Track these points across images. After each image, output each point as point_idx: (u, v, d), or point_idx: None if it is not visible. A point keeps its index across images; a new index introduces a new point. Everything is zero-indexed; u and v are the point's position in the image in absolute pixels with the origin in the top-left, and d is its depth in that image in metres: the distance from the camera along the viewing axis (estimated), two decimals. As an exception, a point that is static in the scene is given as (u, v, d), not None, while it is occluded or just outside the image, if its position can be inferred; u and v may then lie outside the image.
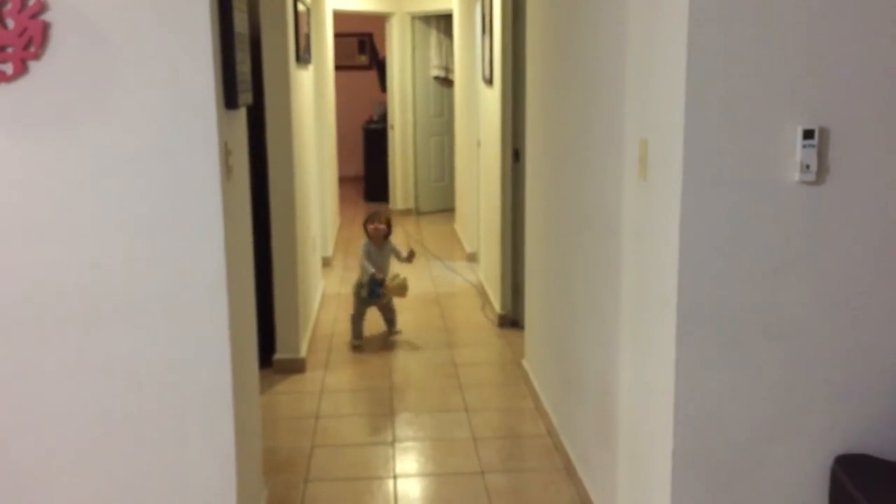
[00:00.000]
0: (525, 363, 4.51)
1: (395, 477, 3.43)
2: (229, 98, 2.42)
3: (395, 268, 5.35)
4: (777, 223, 2.12)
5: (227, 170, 2.42)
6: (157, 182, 2.33)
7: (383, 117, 10.16)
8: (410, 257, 5.31)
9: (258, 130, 4.27)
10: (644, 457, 2.44)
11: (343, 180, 9.78)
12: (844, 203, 2.12)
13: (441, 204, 9.75)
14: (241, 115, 2.76)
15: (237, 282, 2.57)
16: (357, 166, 11.04)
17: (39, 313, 2.36)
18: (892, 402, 2.18)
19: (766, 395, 2.17)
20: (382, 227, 5.18)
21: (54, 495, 2.45)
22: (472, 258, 7.28)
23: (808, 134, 2.07)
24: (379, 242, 5.19)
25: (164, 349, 2.40)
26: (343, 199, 9.77)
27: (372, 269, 5.03)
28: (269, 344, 4.53)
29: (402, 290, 5.11)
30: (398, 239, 6.80)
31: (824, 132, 2.08)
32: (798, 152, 2.08)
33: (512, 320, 5.46)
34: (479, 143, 6.58)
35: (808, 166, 2.08)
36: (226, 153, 2.41)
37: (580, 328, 3.26)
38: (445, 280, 6.77)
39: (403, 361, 4.87)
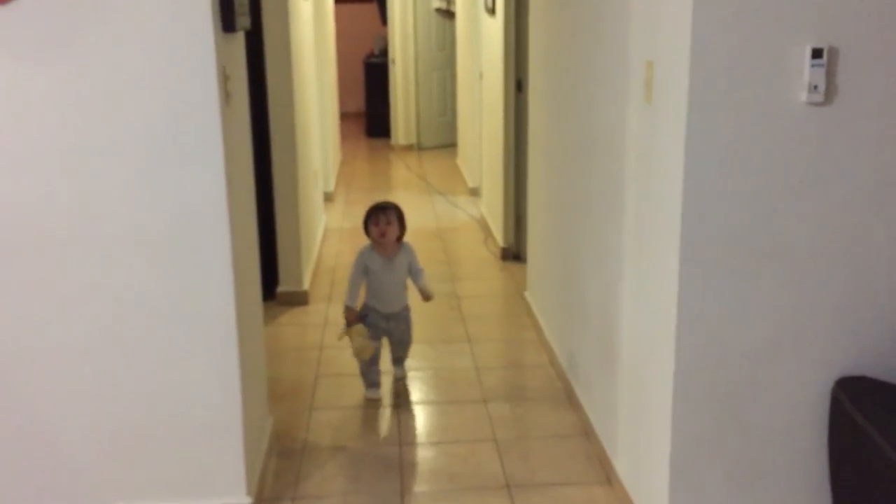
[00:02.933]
0: (527, 295, 4.53)
1: (398, 405, 3.47)
2: (227, 21, 2.37)
3: (411, 296, 3.62)
4: (783, 145, 2.09)
5: (225, 95, 2.39)
6: (154, 107, 2.29)
7: (384, 51, 10.02)
8: (427, 297, 3.57)
9: (257, 61, 4.21)
10: (645, 381, 2.46)
11: (344, 116, 9.69)
12: (852, 125, 2.09)
13: (443, 139, 9.68)
14: (240, 39, 2.72)
15: (239, 208, 2.55)
16: (358, 102, 10.92)
17: (39, 241, 2.35)
18: (892, 326, 2.18)
19: (768, 317, 2.17)
20: (392, 227, 3.44)
21: (60, 421, 2.48)
22: (475, 193, 7.25)
23: (816, 53, 2.03)
24: (387, 250, 3.46)
25: (167, 275, 2.40)
26: (345, 135, 9.69)
27: (351, 303, 3.43)
28: (272, 277, 4.53)
29: (361, 349, 3.40)
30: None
31: (833, 51, 2.04)
32: (806, 72, 2.04)
33: (514, 253, 5.46)
34: (481, 76, 6.49)
35: (815, 87, 2.04)
36: (224, 78, 2.37)
37: (582, 257, 3.25)
38: (448, 215, 6.75)
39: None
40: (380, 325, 3.50)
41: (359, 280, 3.45)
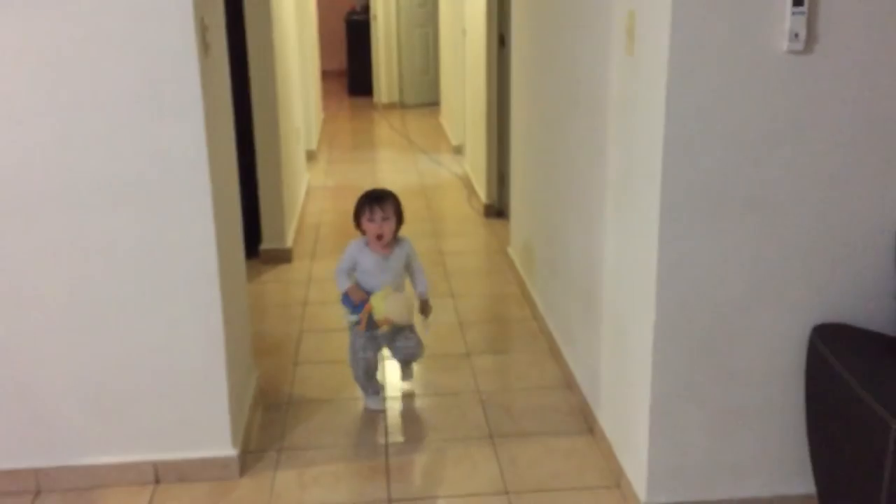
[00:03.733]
0: (510, 251, 4.54)
1: (382, 359, 3.49)
2: (204, -30, 2.34)
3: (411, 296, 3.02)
4: (764, 94, 2.09)
5: (204, 46, 2.36)
6: (132, 57, 2.27)
7: (366, 8, 9.91)
8: (426, 311, 3.04)
9: (236, 14, 4.15)
10: (626, 331, 2.49)
11: (326, 74, 9.60)
12: (832, 73, 2.09)
13: (426, 97, 9.62)
14: (218, -10, 2.68)
15: (219, 161, 2.54)
16: (340, 60, 10.81)
17: (18, 194, 2.33)
18: (870, 273, 2.21)
19: (747, 266, 2.20)
20: (389, 224, 2.89)
21: (42, 375, 2.48)
22: (458, 151, 7.23)
23: (797, 1, 2.02)
24: (381, 248, 2.91)
25: (148, 228, 2.39)
26: (326, 93, 9.62)
27: (347, 283, 2.91)
28: (254, 235, 4.52)
29: (397, 307, 2.82)
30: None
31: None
32: (787, 20, 2.03)
33: (498, 210, 5.47)
34: (464, 32, 6.43)
35: (796, 35, 2.04)
36: (202, 28, 2.34)
37: (565, 211, 3.26)
38: (431, 173, 6.73)
39: (390, 251, 4.87)
40: (376, 336, 2.95)
41: (345, 282, 2.91)
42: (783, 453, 2.35)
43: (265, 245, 4.62)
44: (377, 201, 2.90)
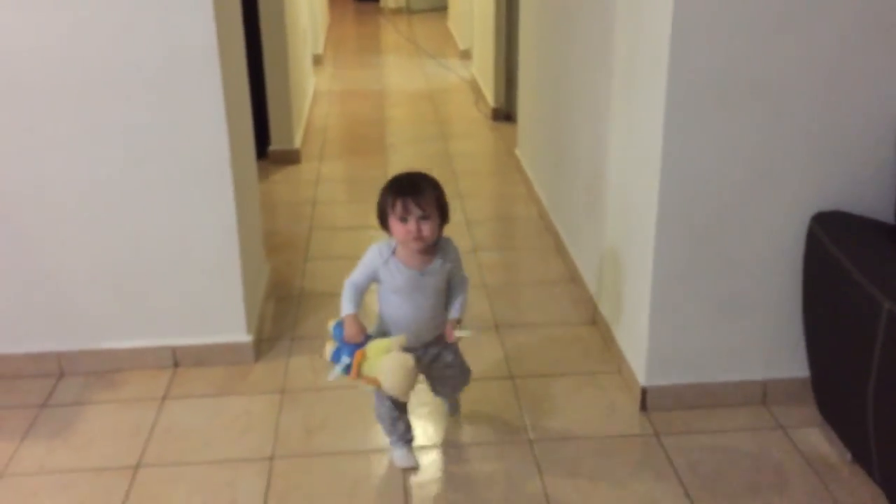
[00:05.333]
0: (518, 152, 4.57)
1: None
2: None
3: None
4: (772, -19, 2.09)
5: (212, -66, 2.35)
6: (141, -56, 2.26)
7: None
8: (451, 338, 2.13)
9: None
10: (629, 222, 2.54)
11: (331, -23, 9.42)
12: (842, -40, 2.08)
13: (434, 1, 9.46)
14: None
15: (230, 54, 2.55)
16: (346, -37, 10.59)
17: (36, 86, 2.36)
18: (870, 163, 2.24)
19: (749, 154, 2.23)
20: (431, 224, 2.01)
21: (65, 264, 2.56)
22: (466, 55, 7.17)
23: None
24: (416, 257, 2.07)
25: (162, 120, 2.43)
26: (332, -3, 9.46)
27: (350, 311, 2.04)
28: (263, 135, 4.55)
29: (394, 370, 1.94)
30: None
31: None
32: None
33: (505, 113, 5.46)
34: (472, -69, 6.30)
35: (808, -81, 2.02)
36: (210, -85, 2.32)
37: (572, 109, 3.28)
38: (439, 77, 6.69)
39: (398, 154, 4.91)
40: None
41: (358, 297, 2.07)
42: (778, 338, 2.43)
43: (274, 146, 4.65)
44: (411, 193, 1.98)
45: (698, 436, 2.35)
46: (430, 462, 2.27)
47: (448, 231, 2.15)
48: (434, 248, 2.07)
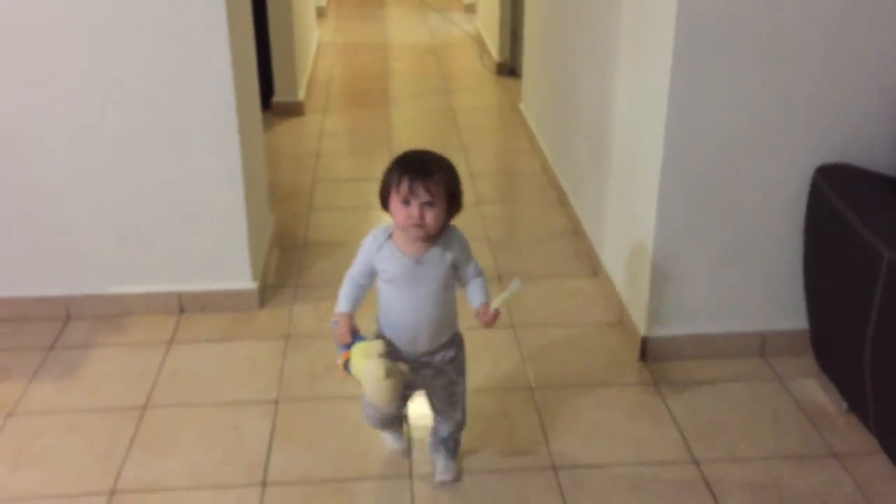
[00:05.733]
0: (522, 106, 4.56)
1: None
2: None
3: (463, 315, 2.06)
4: (783, -70, 2.07)
5: None
6: None
7: None
8: (488, 317, 1.82)
9: None
10: (634, 174, 2.55)
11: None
12: None
13: (438, -45, 9.33)
14: None
15: (234, 1, 2.55)
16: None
17: (41, 29, 2.36)
18: (873, 116, 2.25)
19: (754, 106, 2.23)
20: (436, 212, 1.75)
21: (68, 206, 2.57)
22: (470, 9, 7.11)
23: None
24: (412, 244, 1.81)
25: (167, 64, 2.43)
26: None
27: (343, 309, 1.83)
28: (267, 87, 4.53)
29: (377, 378, 1.71)
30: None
31: None
32: None
33: (510, 68, 5.43)
34: None
35: None
36: None
37: (578, 63, 3.26)
38: (442, 31, 6.64)
39: (401, 107, 4.90)
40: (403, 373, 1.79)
41: (356, 293, 1.85)
42: (778, 290, 2.45)
43: (278, 98, 4.63)
44: (420, 174, 1.73)
45: (697, 385, 2.39)
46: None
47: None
48: (436, 236, 1.80)
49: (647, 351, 2.49)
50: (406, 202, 1.74)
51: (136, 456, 2.09)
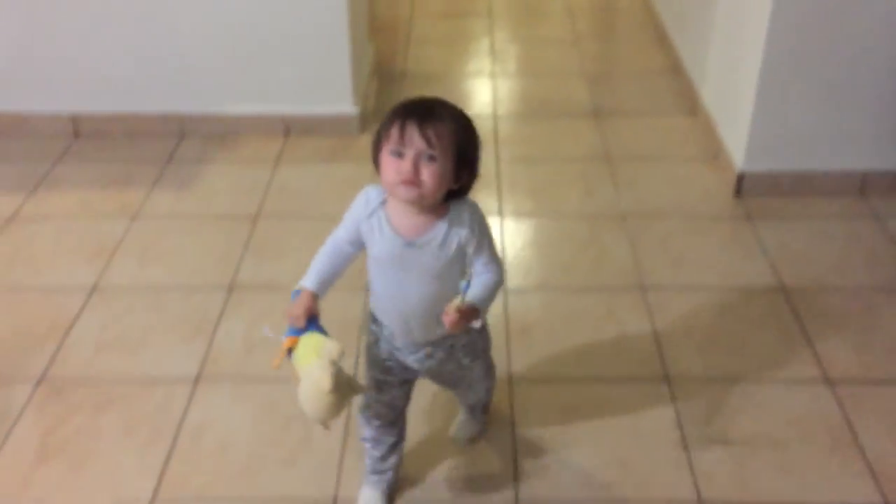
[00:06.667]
0: (625, -57, 4.38)
1: (492, 41, 3.57)
2: None
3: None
4: None
5: None
6: None
7: None
8: (452, 316, 1.29)
9: None
10: (742, 9, 2.48)
11: None
12: None
13: None
14: None
15: None
16: None
17: None
18: None
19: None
20: (435, 168, 1.27)
21: (180, 31, 2.67)
22: None
23: None
24: (406, 218, 1.35)
25: None
26: None
27: (308, 284, 1.41)
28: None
29: (318, 394, 1.26)
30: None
31: None
32: None
33: None
34: None
35: None
36: None
37: None
38: None
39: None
40: (398, 362, 1.51)
41: (335, 262, 1.45)
42: (883, 129, 2.40)
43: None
44: (419, 116, 1.28)
45: (790, 220, 2.40)
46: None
47: (549, 19, 1.92)
48: (443, 208, 1.35)
49: (743, 186, 2.50)
50: (397, 153, 1.28)
51: (250, 258, 2.25)
